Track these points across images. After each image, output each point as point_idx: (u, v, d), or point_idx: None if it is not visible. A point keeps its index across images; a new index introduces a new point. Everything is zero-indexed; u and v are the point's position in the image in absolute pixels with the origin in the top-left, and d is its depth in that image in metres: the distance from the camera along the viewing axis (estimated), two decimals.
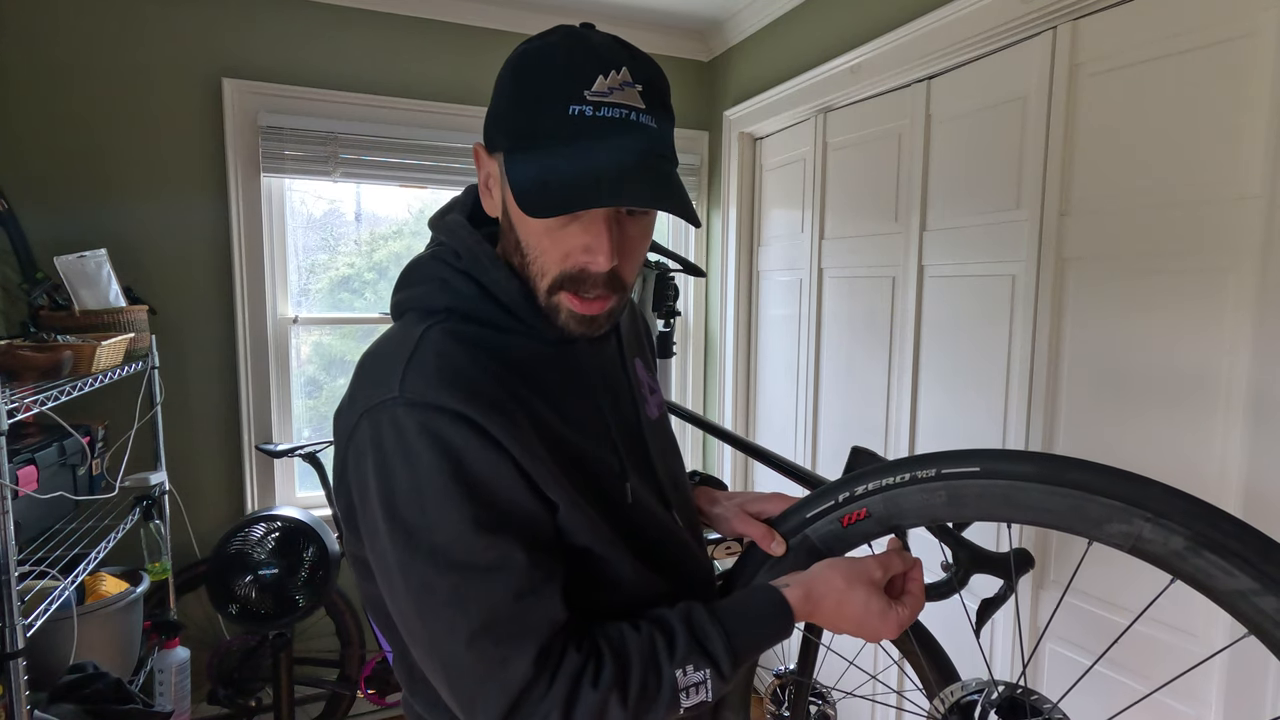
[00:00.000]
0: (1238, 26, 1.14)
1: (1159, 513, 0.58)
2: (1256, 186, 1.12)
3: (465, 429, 0.61)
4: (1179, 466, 1.24)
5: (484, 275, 0.70)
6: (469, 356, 0.65)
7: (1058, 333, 1.44)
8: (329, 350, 2.48)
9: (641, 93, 0.63)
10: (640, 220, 0.68)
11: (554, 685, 0.60)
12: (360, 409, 0.63)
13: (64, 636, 1.59)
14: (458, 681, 0.61)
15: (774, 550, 0.78)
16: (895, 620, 0.69)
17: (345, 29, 2.23)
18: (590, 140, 0.61)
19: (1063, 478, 0.62)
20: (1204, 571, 0.56)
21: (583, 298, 0.67)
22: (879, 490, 0.72)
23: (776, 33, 2.29)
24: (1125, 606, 1.32)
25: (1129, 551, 0.60)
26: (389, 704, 2.29)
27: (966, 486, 0.67)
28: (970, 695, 0.84)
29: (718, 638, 0.65)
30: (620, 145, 0.62)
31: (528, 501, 0.63)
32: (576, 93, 0.61)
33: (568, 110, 0.61)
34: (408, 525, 0.61)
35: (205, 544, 2.14)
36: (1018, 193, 1.52)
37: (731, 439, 1.44)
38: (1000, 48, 1.55)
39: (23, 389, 1.40)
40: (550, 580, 0.63)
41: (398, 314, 0.74)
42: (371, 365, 0.67)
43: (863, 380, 2.02)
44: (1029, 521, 0.64)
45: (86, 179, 2.01)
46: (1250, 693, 1.14)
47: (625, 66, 0.62)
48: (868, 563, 0.71)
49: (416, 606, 0.61)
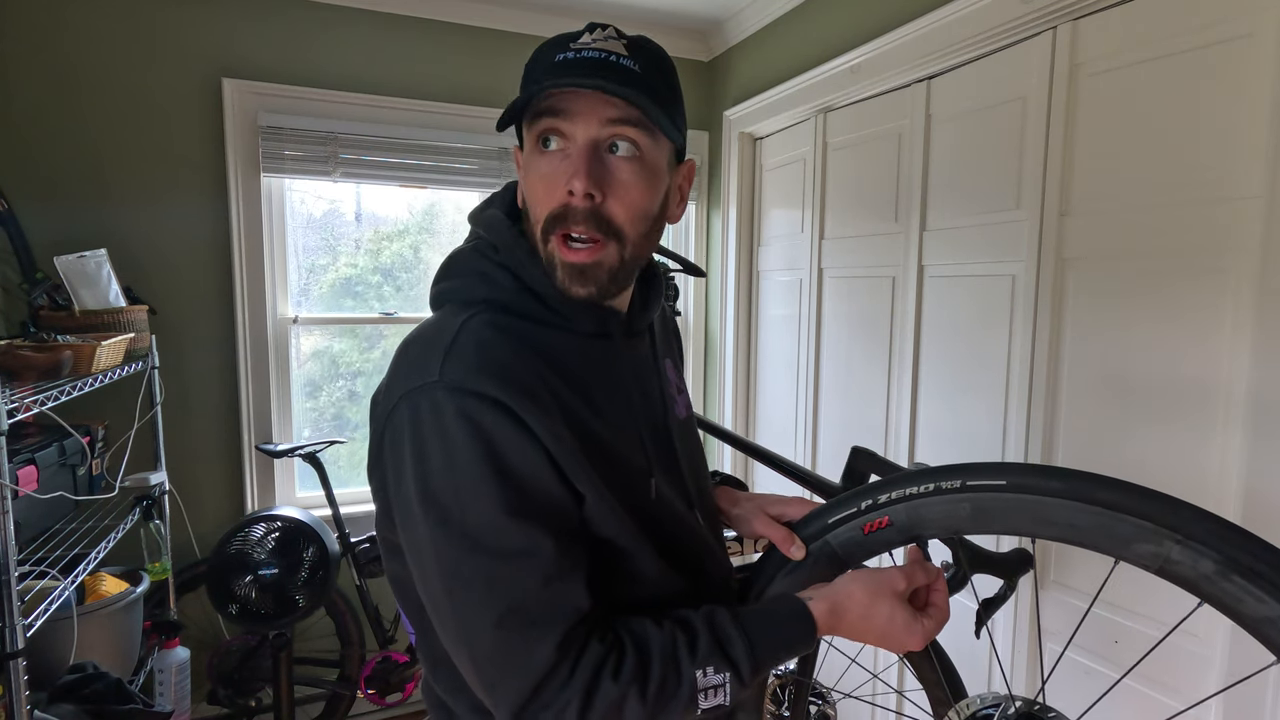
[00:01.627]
0: (1238, 26, 1.14)
1: (1189, 535, 0.57)
2: (1256, 187, 1.12)
3: (501, 416, 0.62)
4: (1178, 467, 1.24)
5: (521, 269, 0.71)
6: (507, 346, 0.66)
7: (1057, 333, 1.44)
8: (329, 351, 2.48)
9: (626, 45, 0.68)
10: (629, 163, 0.68)
11: (575, 674, 0.61)
12: (400, 392, 0.65)
13: (64, 636, 1.59)
14: (482, 663, 0.62)
15: (793, 554, 0.78)
16: (921, 632, 0.69)
17: (345, 29, 2.23)
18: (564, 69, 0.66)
19: (1092, 496, 0.61)
20: (1233, 596, 0.56)
21: (570, 245, 0.68)
22: (902, 499, 0.71)
23: (777, 33, 2.29)
24: (1132, 610, 1.32)
25: (1156, 573, 0.59)
26: (389, 704, 2.29)
27: (993, 500, 0.66)
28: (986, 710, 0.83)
29: (740, 642, 0.65)
30: (586, 63, 0.66)
31: (557, 490, 0.64)
32: (564, 46, 0.68)
33: (554, 59, 0.67)
34: (441, 506, 0.62)
35: (205, 544, 2.14)
36: (1017, 193, 1.52)
37: (732, 439, 1.44)
38: (1000, 48, 1.55)
39: (23, 389, 1.40)
40: (576, 569, 0.64)
41: (437, 304, 0.75)
42: (412, 351, 0.68)
43: (863, 380, 2.02)
44: (1055, 538, 0.64)
45: (86, 179, 2.01)
46: (1251, 692, 1.14)
47: (614, 29, 0.68)
48: (892, 574, 0.71)
49: (445, 587, 0.62)
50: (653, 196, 0.71)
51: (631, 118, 0.67)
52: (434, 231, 2.59)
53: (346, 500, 2.40)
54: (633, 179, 0.68)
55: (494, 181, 2.43)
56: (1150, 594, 1.28)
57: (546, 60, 0.68)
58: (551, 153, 0.68)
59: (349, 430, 2.52)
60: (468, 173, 2.40)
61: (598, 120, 0.66)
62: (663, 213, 0.74)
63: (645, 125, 0.68)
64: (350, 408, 2.53)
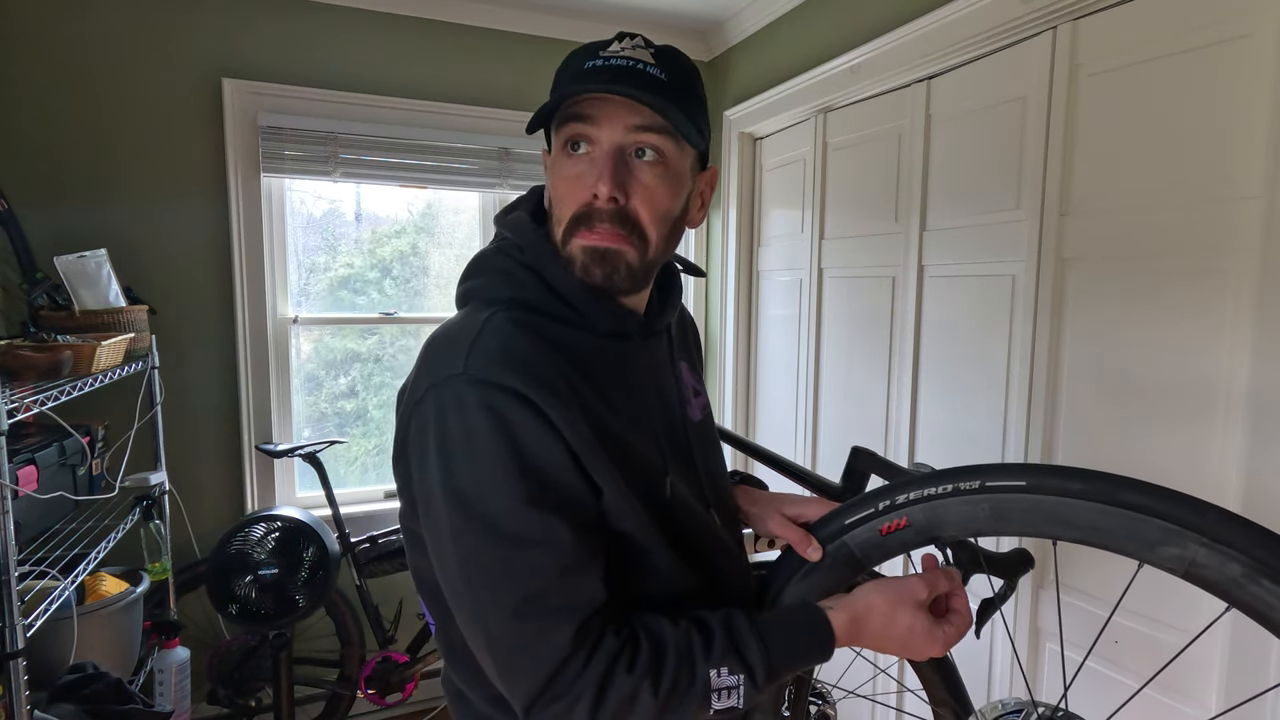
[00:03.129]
0: (1238, 26, 1.14)
1: (1215, 537, 0.56)
2: (1256, 186, 1.12)
3: (523, 408, 0.63)
4: (1179, 467, 1.24)
5: (545, 269, 0.73)
6: (530, 342, 0.67)
7: (1058, 332, 1.44)
8: (328, 350, 2.48)
9: (654, 54, 0.70)
10: (653, 167, 0.70)
11: (590, 664, 0.61)
12: (426, 384, 0.67)
13: (64, 636, 1.59)
14: (499, 650, 0.63)
15: (810, 555, 0.77)
16: (942, 639, 0.70)
17: (345, 29, 2.23)
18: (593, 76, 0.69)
19: (1115, 497, 0.60)
20: (1262, 600, 0.54)
21: (589, 231, 0.70)
22: (920, 500, 0.71)
23: (777, 33, 2.29)
24: (1132, 610, 1.32)
25: (1182, 576, 0.58)
26: (389, 704, 2.29)
27: (1012, 501, 0.65)
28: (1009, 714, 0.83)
29: (756, 647, 0.66)
30: (614, 71, 0.68)
31: (576, 482, 0.65)
32: (594, 54, 0.70)
33: (583, 65, 0.70)
34: (462, 495, 0.63)
35: (205, 544, 2.14)
36: (1017, 193, 1.52)
37: (732, 439, 1.44)
38: (1000, 48, 1.55)
39: (23, 389, 1.40)
40: (593, 560, 0.65)
41: (462, 302, 0.77)
42: (439, 345, 0.70)
43: (862, 380, 2.02)
44: (1076, 540, 0.63)
45: (86, 179, 2.01)
46: (1251, 693, 1.14)
47: (640, 36, 0.71)
48: (912, 583, 0.71)
49: (464, 574, 0.64)
50: (675, 200, 0.73)
51: (656, 124, 0.69)
52: (432, 232, 2.59)
53: (346, 500, 2.40)
54: (656, 182, 0.70)
55: (494, 181, 2.43)
56: (1151, 594, 1.28)
57: (575, 67, 0.71)
58: (578, 156, 0.71)
59: (358, 425, 2.52)
60: (468, 173, 2.40)
61: (623, 126, 0.69)
62: (683, 216, 0.76)
63: (669, 132, 0.69)
64: (349, 407, 2.53)
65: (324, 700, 2.30)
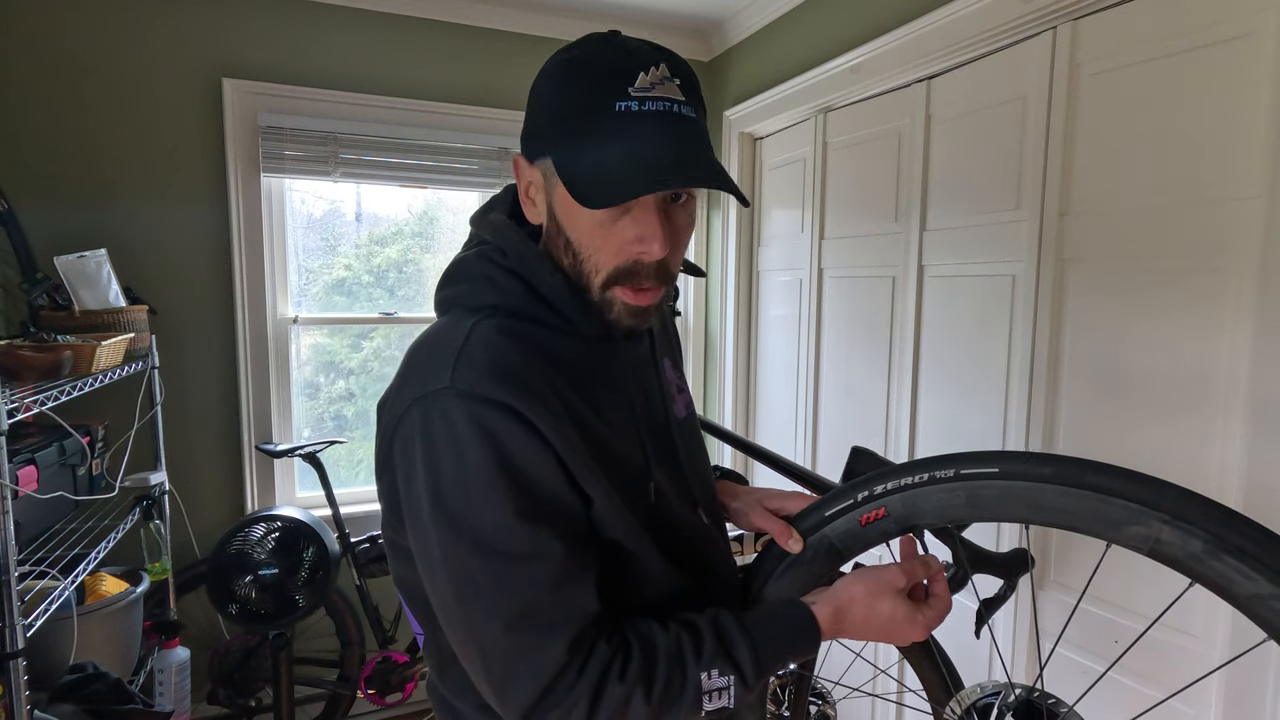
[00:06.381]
0: (1237, 26, 1.14)
1: (1176, 515, 0.58)
2: (1256, 186, 1.12)
3: (512, 422, 0.63)
4: (1179, 466, 1.24)
5: (531, 274, 0.71)
6: (517, 352, 0.67)
7: (1057, 333, 1.44)
8: (327, 350, 2.48)
9: (680, 86, 0.66)
10: (686, 208, 0.70)
11: (583, 676, 0.62)
12: (411, 397, 0.65)
13: (64, 636, 1.59)
14: (492, 665, 0.63)
15: (791, 547, 0.78)
16: (922, 623, 0.70)
17: (345, 29, 2.23)
18: (640, 132, 0.63)
19: (1082, 480, 0.62)
20: (1223, 575, 0.56)
21: (636, 289, 0.69)
22: (898, 490, 0.72)
23: (777, 33, 2.29)
24: (1128, 608, 1.32)
25: (1147, 554, 0.59)
26: (389, 704, 2.29)
27: (986, 487, 0.67)
28: (987, 697, 0.84)
29: (744, 646, 0.66)
30: (667, 134, 0.64)
31: (566, 494, 0.65)
32: (621, 90, 0.64)
33: (615, 107, 0.64)
34: (452, 512, 0.62)
35: (205, 544, 2.14)
36: (1017, 193, 1.52)
37: (732, 439, 1.44)
38: (1000, 48, 1.55)
39: (23, 389, 1.40)
40: (585, 571, 0.65)
41: (443, 309, 0.76)
42: (423, 356, 0.69)
43: (863, 380, 2.02)
44: (1047, 523, 0.64)
45: (86, 179, 2.01)
46: (1251, 693, 1.14)
47: (663, 63, 0.66)
48: (891, 571, 0.71)
49: (456, 591, 0.63)
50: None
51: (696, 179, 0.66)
52: (430, 235, 2.59)
53: (346, 500, 2.40)
54: (687, 224, 0.71)
55: (494, 181, 2.43)
56: (1151, 594, 1.28)
57: (605, 106, 0.64)
58: (615, 208, 0.66)
59: (357, 426, 2.52)
60: (468, 173, 2.40)
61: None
62: None
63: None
64: (348, 407, 2.53)
65: (324, 700, 2.30)
